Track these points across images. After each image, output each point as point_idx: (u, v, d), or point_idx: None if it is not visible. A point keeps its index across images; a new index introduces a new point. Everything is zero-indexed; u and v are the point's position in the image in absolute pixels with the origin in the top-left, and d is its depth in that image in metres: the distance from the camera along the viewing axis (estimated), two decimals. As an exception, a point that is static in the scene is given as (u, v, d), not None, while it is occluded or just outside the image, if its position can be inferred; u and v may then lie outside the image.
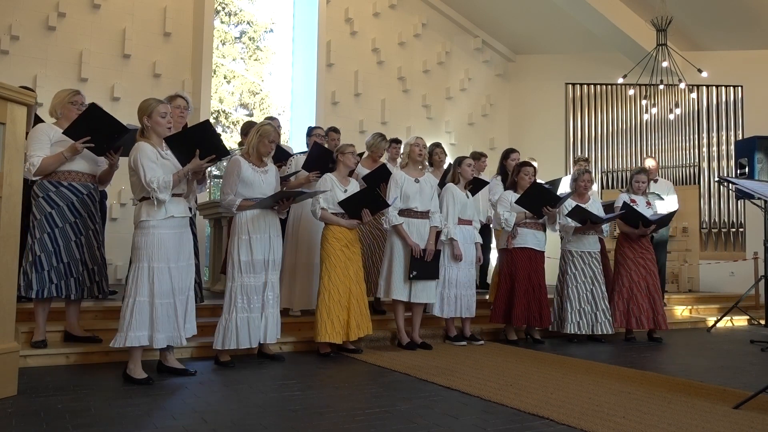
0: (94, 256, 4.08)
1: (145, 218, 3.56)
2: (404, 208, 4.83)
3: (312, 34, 9.10)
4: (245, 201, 4.10)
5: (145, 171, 3.50)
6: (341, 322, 4.43)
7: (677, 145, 9.54)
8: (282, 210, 4.27)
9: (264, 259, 4.12)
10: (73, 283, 3.96)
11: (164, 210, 3.57)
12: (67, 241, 3.94)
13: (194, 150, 3.63)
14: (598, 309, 5.47)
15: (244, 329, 4.05)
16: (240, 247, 4.09)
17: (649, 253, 5.67)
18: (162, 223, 3.57)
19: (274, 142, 4.18)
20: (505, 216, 5.30)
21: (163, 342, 3.56)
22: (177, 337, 3.63)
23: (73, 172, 3.99)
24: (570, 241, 5.57)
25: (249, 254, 4.08)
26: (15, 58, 7.20)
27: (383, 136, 5.71)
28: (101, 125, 3.84)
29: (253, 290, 4.10)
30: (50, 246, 3.88)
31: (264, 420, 2.81)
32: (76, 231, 3.98)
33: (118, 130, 3.90)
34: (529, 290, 5.29)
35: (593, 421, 2.82)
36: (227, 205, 4.14)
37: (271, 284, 4.17)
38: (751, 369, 4.36)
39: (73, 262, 3.96)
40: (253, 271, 4.09)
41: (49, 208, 3.90)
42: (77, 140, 3.84)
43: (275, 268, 4.22)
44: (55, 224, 3.91)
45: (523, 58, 10.72)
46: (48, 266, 3.87)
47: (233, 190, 4.09)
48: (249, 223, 4.11)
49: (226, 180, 4.18)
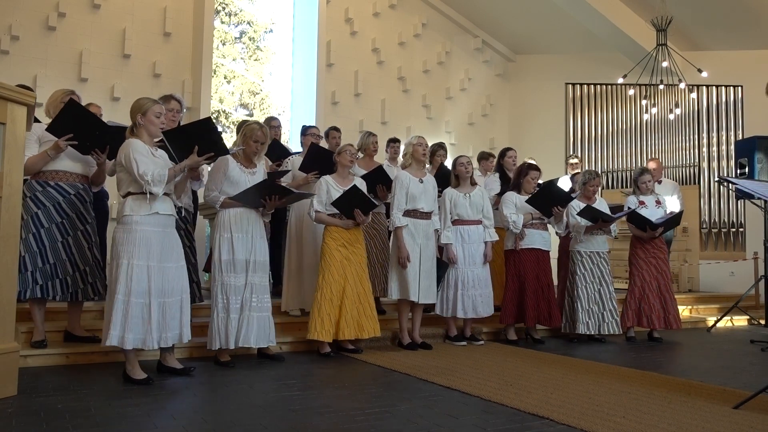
0: (85, 257, 4.02)
1: (128, 213, 3.49)
2: (410, 209, 4.83)
3: (312, 34, 9.10)
4: (228, 198, 4.06)
5: (137, 164, 3.44)
6: (332, 320, 4.42)
7: (677, 145, 9.54)
8: (267, 210, 4.19)
9: (245, 260, 4.07)
10: (59, 284, 3.90)
11: (149, 206, 3.50)
12: (54, 242, 3.90)
13: (192, 146, 3.61)
14: (605, 309, 5.48)
15: (223, 330, 4.01)
16: (222, 246, 4.06)
17: (661, 252, 5.69)
18: (145, 219, 3.50)
19: (258, 141, 4.09)
20: (512, 218, 5.28)
21: (131, 343, 3.42)
22: (149, 340, 3.46)
23: (60, 172, 3.96)
24: (579, 241, 5.58)
25: (230, 253, 4.04)
26: (15, 58, 7.20)
27: (369, 132, 5.70)
28: (81, 122, 3.81)
29: (233, 290, 4.04)
30: (35, 247, 3.84)
31: (264, 420, 2.81)
32: (63, 232, 3.94)
33: (98, 126, 3.87)
34: (538, 290, 5.32)
35: (593, 421, 2.82)
36: (210, 201, 4.11)
37: (251, 286, 4.08)
38: (751, 369, 4.36)
39: (60, 263, 3.90)
40: (233, 270, 4.04)
41: (35, 209, 3.87)
42: (60, 137, 3.80)
43: (258, 270, 4.12)
44: (41, 225, 3.87)
45: (523, 58, 10.72)
46: (32, 267, 3.82)
47: (218, 187, 4.07)
48: (232, 221, 4.07)
49: (211, 176, 4.14)
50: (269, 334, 4.18)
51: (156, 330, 3.49)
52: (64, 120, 3.80)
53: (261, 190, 4.07)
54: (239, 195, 4.02)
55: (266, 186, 4.10)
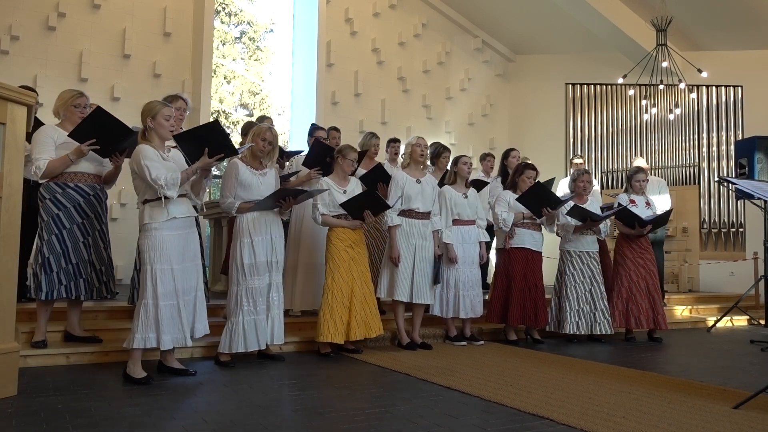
0: (102, 256, 4.09)
1: (147, 221, 3.59)
2: (406, 209, 4.83)
3: (312, 34, 9.10)
4: (244, 203, 4.10)
5: (149, 170, 3.50)
6: (343, 322, 4.43)
7: (677, 145, 9.54)
8: (284, 210, 4.25)
9: (267, 261, 4.13)
10: (82, 283, 3.98)
11: (166, 212, 3.59)
12: (75, 242, 3.95)
13: (203, 148, 3.65)
14: (596, 309, 5.47)
15: (252, 332, 4.06)
16: (242, 250, 4.09)
17: (648, 253, 5.67)
18: (164, 225, 3.59)
19: (266, 140, 4.13)
20: (503, 216, 5.28)
21: (169, 343, 3.58)
22: (182, 339, 3.64)
23: (78, 174, 3.99)
24: (569, 241, 5.57)
25: (252, 257, 4.08)
26: (15, 58, 7.20)
27: (373, 133, 5.72)
28: (107, 128, 3.85)
29: (258, 293, 4.10)
30: (58, 247, 3.89)
31: (264, 420, 2.81)
32: (83, 232, 3.99)
33: (124, 132, 3.92)
34: (524, 290, 5.28)
35: (593, 421, 2.82)
36: (226, 208, 4.16)
37: (275, 285, 4.18)
38: (751, 369, 4.36)
39: (81, 263, 3.97)
40: (257, 273, 4.09)
41: (56, 210, 3.91)
42: (82, 143, 3.84)
43: (278, 268, 4.22)
44: (63, 225, 3.92)
45: (523, 58, 10.72)
46: (57, 268, 3.88)
47: (232, 193, 4.10)
48: (250, 226, 4.11)
49: (224, 183, 4.19)
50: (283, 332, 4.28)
51: (187, 327, 3.65)
52: (88, 126, 3.83)
53: (276, 196, 4.13)
54: (256, 205, 4.09)
55: (282, 193, 4.16)
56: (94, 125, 3.84)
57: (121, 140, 3.94)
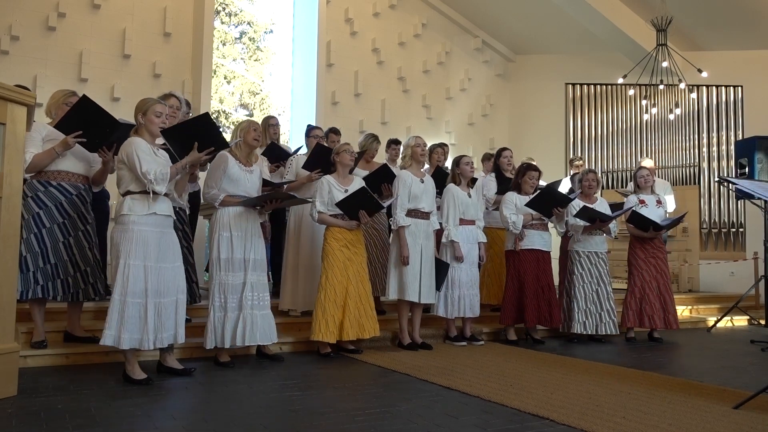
0: (86, 257, 4.01)
1: (125, 212, 3.48)
2: (412, 208, 4.83)
3: (312, 34, 9.10)
4: (228, 197, 4.08)
5: (140, 162, 3.45)
6: (336, 321, 4.42)
7: (677, 145, 9.54)
8: (265, 212, 4.24)
9: (243, 258, 4.08)
10: (60, 284, 3.89)
11: (147, 206, 3.50)
12: (55, 242, 3.89)
13: (192, 143, 3.61)
14: (603, 309, 5.48)
15: (220, 328, 4.02)
16: (220, 244, 4.07)
17: (660, 252, 5.69)
18: (143, 219, 3.49)
19: (257, 131, 4.15)
20: (512, 219, 5.27)
21: (127, 343, 3.42)
22: (144, 341, 3.45)
23: (63, 172, 3.95)
24: (577, 241, 5.58)
25: (229, 252, 4.06)
26: (15, 58, 7.19)
27: (375, 137, 5.70)
28: (93, 119, 3.78)
29: (231, 289, 4.05)
30: (36, 247, 3.83)
31: (264, 420, 2.81)
32: (64, 232, 3.93)
33: (110, 123, 3.84)
34: (538, 291, 5.31)
35: (593, 421, 2.82)
36: (210, 199, 4.12)
37: (250, 285, 4.08)
38: (751, 369, 4.36)
39: (61, 263, 3.90)
40: (231, 269, 4.06)
41: (36, 209, 3.86)
42: (69, 135, 3.79)
43: (256, 268, 4.14)
44: (43, 225, 3.86)
45: (523, 58, 10.71)
46: (33, 267, 3.81)
47: (218, 185, 4.07)
48: (231, 221, 4.09)
49: (210, 174, 4.13)
50: (272, 332, 4.19)
51: (152, 330, 3.48)
52: (74, 117, 3.78)
53: (268, 198, 4.12)
54: (243, 202, 4.06)
55: (274, 196, 4.15)
56: (80, 116, 3.77)
57: (108, 133, 3.86)
